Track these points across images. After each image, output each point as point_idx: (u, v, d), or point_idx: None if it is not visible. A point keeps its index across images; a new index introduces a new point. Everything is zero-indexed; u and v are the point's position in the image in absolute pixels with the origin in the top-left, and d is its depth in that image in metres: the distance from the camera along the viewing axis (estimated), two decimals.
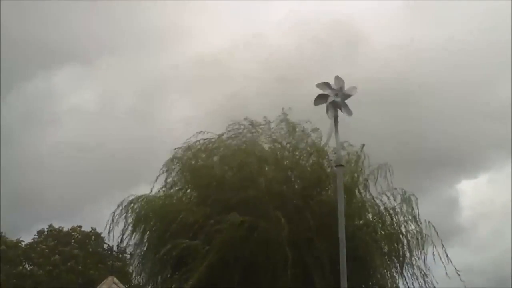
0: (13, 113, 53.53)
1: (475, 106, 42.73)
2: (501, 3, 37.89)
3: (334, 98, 10.34)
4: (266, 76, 42.20)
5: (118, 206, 14.85)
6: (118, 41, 53.47)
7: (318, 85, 10.66)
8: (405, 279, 14.42)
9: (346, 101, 10.98)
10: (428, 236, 14.07)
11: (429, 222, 14.14)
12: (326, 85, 10.53)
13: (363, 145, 14.71)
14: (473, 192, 49.20)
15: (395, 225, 14.55)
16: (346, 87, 10.86)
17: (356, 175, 14.53)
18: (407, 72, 42.34)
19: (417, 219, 14.24)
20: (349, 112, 10.86)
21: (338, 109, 10.66)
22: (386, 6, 51.18)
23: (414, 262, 14.28)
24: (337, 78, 10.64)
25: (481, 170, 54.50)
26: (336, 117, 10.57)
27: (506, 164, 44.76)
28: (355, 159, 14.65)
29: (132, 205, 14.86)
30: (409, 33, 47.69)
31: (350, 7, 51.37)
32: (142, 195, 15.02)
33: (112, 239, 15.05)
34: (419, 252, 14.21)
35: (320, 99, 10.61)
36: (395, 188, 14.50)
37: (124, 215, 14.79)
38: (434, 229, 14.07)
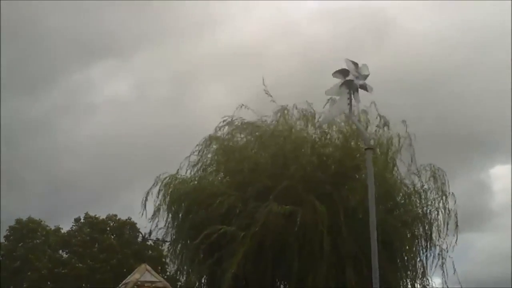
0: (51, 104, 54.82)
1: (508, 88, 41.75)
2: None
3: (353, 78, 9.80)
4: (299, 64, 41.91)
5: (155, 183, 14.95)
6: (151, 31, 53.82)
7: (347, 60, 9.80)
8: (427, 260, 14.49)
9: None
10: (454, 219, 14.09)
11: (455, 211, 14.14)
12: (354, 64, 9.73)
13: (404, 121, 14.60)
14: (507, 177, 48.21)
15: (424, 205, 14.55)
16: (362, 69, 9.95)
17: (387, 156, 14.53)
18: (437, 56, 41.71)
19: (447, 194, 14.22)
20: (358, 99, 10.16)
21: (357, 90, 9.81)
22: None
23: (439, 244, 14.35)
24: (364, 65, 10.03)
25: None
26: (351, 100, 9.96)
27: None
28: (385, 140, 14.64)
29: (166, 184, 14.91)
30: (440, 16, 46.79)
31: None
32: (176, 175, 15.06)
33: (145, 217, 15.03)
34: (444, 235, 14.29)
35: (341, 73, 9.81)
36: (423, 166, 14.50)
37: (159, 194, 14.87)
38: (456, 218, 14.10)
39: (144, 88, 52.48)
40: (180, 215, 14.97)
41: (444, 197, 14.31)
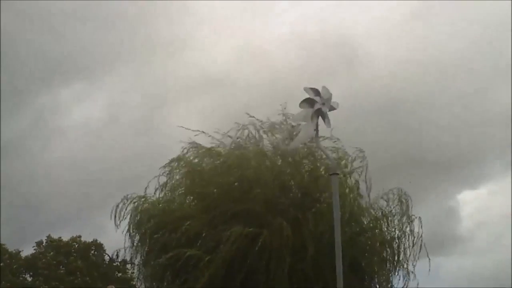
0: (17, 128, 53.90)
1: (475, 115, 42.82)
2: (500, 6, 38.04)
3: (321, 106, 9.95)
4: (268, 89, 42.25)
5: (121, 202, 14.99)
6: (120, 53, 53.71)
7: (306, 89, 9.98)
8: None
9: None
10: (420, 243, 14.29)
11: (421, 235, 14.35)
12: (315, 91, 9.96)
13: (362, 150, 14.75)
14: (474, 202, 49.13)
15: (391, 229, 14.76)
16: (334, 99, 10.22)
17: (353, 181, 14.69)
18: (406, 83, 42.57)
19: (412, 217, 14.40)
20: (329, 125, 10.31)
21: (320, 118, 10.01)
22: (385, 20, 51.40)
23: (405, 265, 14.51)
24: (324, 88, 10.19)
25: (482, 181, 54.39)
26: (317, 126, 10.00)
27: (507, 175, 44.67)
28: (349, 163, 14.80)
29: (134, 205, 14.96)
30: (409, 44, 47.81)
31: (349, 21, 51.44)
32: (144, 195, 15.09)
33: (121, 233, 15.00)
34: (412, 258, 14.46)
35: (306, 103, 9.99)
36: (390, 190, 14.71)
37: (123, 212, 14.89)
38: (422, 242, 14.28)
39: (114, 111, 52.24)
40: (148, 236, 14.87)
41: (409, 221, 14.52)
